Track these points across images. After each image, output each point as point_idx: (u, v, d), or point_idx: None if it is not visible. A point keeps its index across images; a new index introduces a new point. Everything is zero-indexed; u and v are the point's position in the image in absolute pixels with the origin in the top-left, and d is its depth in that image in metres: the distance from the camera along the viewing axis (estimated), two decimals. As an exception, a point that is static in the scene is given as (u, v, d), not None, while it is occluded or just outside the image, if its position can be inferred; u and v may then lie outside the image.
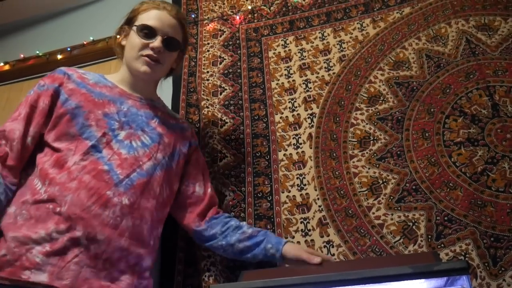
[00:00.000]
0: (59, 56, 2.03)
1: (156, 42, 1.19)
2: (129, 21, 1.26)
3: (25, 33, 2.24)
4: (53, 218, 0.98)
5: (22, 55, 2.08)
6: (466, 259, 1.14)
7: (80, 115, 1.12)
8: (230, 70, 1.71)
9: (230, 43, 1.79)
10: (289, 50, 1.69)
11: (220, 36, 1.82)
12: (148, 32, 1.19)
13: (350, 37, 1.64)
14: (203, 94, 1.66)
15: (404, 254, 1.18)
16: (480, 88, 1.39)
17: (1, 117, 2.05)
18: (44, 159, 1.08)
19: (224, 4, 1.91)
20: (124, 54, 1.25)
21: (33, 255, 0.94)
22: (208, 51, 1.79)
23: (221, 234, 1.19)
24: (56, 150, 1.08)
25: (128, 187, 1.07)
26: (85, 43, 2.02)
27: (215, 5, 1.92)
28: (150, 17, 1.21)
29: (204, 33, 1.86)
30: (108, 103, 1.18)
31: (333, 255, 1.25)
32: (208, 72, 1.73)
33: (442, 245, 1.18)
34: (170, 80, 1.74)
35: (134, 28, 1.21)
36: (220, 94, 1.66)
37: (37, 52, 2.07)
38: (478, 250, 1.15)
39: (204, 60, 1.77)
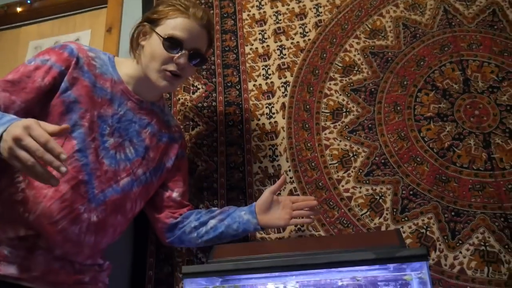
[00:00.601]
0: (19, 9, 1.89)
1: (182, 58, 1.09)
2: (153, 21, 1.13)
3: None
4: (21, 223, 0.97)
5: (-23, 6, 1.93)
6: (427, 232, 1.21)
7: (75, 111, 1.05)
8: (203, 32, 1.64)
9: (203, 1, 1.70)
10: (264, 12, 1.62)
11: (192, -7, 1.73)
12: (174, 44, 1.09)
13: (327, 1, 1.58)
14: (174, 58, 1.60)
15: (368, 233, 1.22)
16: (454, 62, 1.39)
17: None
18: None
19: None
20: (142, 57, 1.14)
21: (1, 248, 0.94)
22: (179, 9, 1.70)
23: (194, 220, 1.20)
24: None
25: (100, 203, 1.05)
26: (46, -6, 1.88)
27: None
28: (177, 27, 1.09)
29: (175, -12, 1.75)
30: (106, 103, 1.11)
31: (302, 226, 1.29)
32: (179, 33, 1.65)
33: (406, 219, 1.24)
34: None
35: (159, 35, 1.10)
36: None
37: (-6, 3, 1.92)
38: (439, 224, 1.21)
39: (175, 20, 1.68)
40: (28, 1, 1.88)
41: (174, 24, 1.10)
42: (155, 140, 1.20)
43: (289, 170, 1.37)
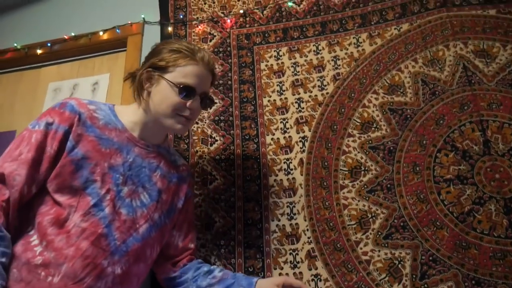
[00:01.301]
0: (39, 51, 1.92)
1: (195, 103, 1.15)
2: (160, 68, 1.14)
3: (0, 21, 2.10)
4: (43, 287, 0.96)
5: (-2, 48, 1.97)
6: (447, 301, 1.20)
7: (85, 167, 1.06)
8: (221, 82, 1.65)
9: (221, 49, 1.71)
10: (282, 63, 1.63)
11: (210, 41, 1.74)
12: (188, 91, 1.13)
13: (346, 54, 1.59)
14: (192, 108, 1.61)
15: None
16: (474, 122, 1.38)
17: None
18: (43, 211, 1.03)
19: (214, 3, 1.81)
20: (151, 103, 1.15)
21: None
22: (198, 57, 1.72)
23: (191, 279, 1.20)
24: (57, 203, 1.03)
25: (123, 254, 1.05)
26: (66, 37, 1.91)
27: (205, 4, 1.81)
28: (189, 75, 1.13)
29: (193, 35, 1.77)
30: (115, 153, 1.12)
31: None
32: (197, 81, 1.67)
33: (426, 286, 1.23)
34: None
35: (172, 83, 1.12)
36: (210, 108, 1.61)
37: (15, 44, 1.95)
38: (459, 293, 1.20)
39: (193, 68, 1.70)
40: (48, 44, 1.91)
41: (185, 72, 1.13)
42: (166, 182, 1.21)
43: (307, 230, 1.37)
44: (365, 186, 1.38)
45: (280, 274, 1.32)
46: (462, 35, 1.51)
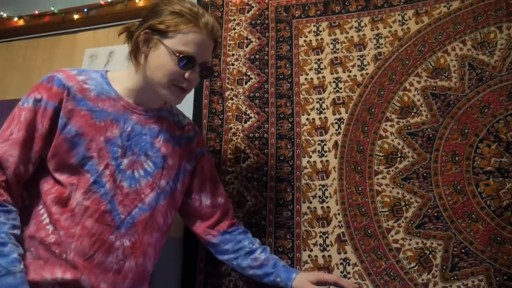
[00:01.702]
0: (76, 16, 1.92)
1: (194, 73, 1.07)
2: (160, 32, 1.06)
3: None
4: (60, 264, 0.99)
5: (36, 12, 1.97)
6: (477, 294, 1.20)
7: (80, 144, 1.04)
8: (257, 56, 1.62)
9: (258, 22, 1.66)
10: (321, 39, 1.58)
11: (248, 12, 1.69)
12: (188, 61, 1.05)
13: (389, 32, 1.51)
14: (227, 83, 1.60)
15: None
16: (521, 112, 1.32)
17: (18, 75, 2.02)
18: (46, 190, 1.04)
19: (253, -29, 1.74)
20: (147, 69, 1.08)
21: None
22: (234, 29, 1.68)
23: (233, 253, 1.21)
24: (58, 181, 1.04)
25: (129, 227, 1.06)
26: (102, 3, 1.89)
27: (243, -29, 1.75)
28: (189, 42, 1.05)
29: (230, 5, 1.72)
30: (111, 124, 1.09)
31: (349, 273, 1.31)
32: (233, 55, 1.64)
33: (455, 277, 1.23)
34: (193, 60, 1.67)
35: (171, 50, 1.04)
36: (246, 83, 1.59)
37: (52, 8, 1.95)
38: (489, 287, 1.19)
39: (229, 40, 1.67)
40: (85, 10, 1.90)
41: (186, 40, 1.05)
42: (170, 146, 1.17)
43: (338, 214, 1.37)
44: (400, 173, 1.36)
45: (309, 256, 1.35)
46: (518, 16, 1.41)
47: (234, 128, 1.54)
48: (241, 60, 1.62)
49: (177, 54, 1.04)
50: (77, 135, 1.04)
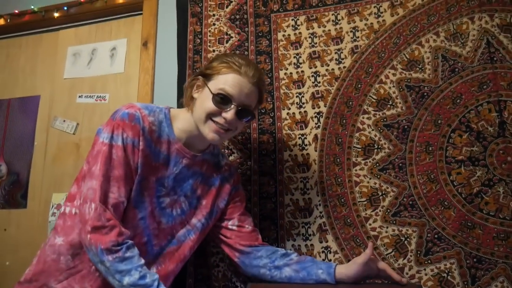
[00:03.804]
0: (56, 14, 1.92)
1: (230, 113, 1.13)
2: (206, 76, 1.18)
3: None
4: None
5: (16, 11, 1.96)
6: (449, 276, 1.28)
7: (138, 182, 1.13)
8: (237, 52, 1.64)
9: (238, 17, 1.68)
10: (300, 33, 1.61)
11: (227, 7, 1.71)
12: (223, 99, 1.13)
13: (365, 24, 1.55)
14: (209, 79, 1.63)
15: (392, 285, 1.26)
16: (491, 102, 1.37)
17: (2, 74, 2.03)
18: None
19: (230, -36, 1.74)
20: (194, 109, 1.18)
21: None
22: (214, 24, 1.70)
23: (267, 257, 1.24)
24: None
25: (158, 256, 1.17)
26: (82, 0, 1.89)
27: (221, -35, 1.75)
28: (228, 82, 1.14)
29: (210, 0, 1.73)
30: (163, 166, 1.18)
31: (330, 260, 1.38)
32: (214, 51, 1.67)
33: (429, 262, 1.31)
34: (174, 57, 1.70)
35: (210, 89, 1.15)
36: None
37: (32, 7, 1.95)
38: (460, 270, 1.28)
39: (210, 36, 1.69)
40: (65, 8, 1.90)
41: (225, 80, 1.14)
42: (206, 187, 1.27)
43: (319, 205, 1.44)
44: (377, 164, 1.42)
45: (292, 245, 1.42)
46: (489, 6, 1.44)
47: (217, 124, 1.58)
48: (222, 56, 1.65)
49: (215, 92, 1.13)
50: (139, 175, 1.13)
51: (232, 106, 1.14)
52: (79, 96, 1.86)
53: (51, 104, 1.90)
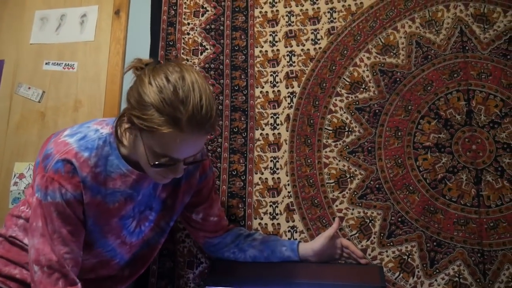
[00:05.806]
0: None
1: (179, 171, 0.97)
2: (140, 125, 0.89)
3: None
4: None
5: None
6: (409, 259, 1.32)
7: (96, 231, 1.05)
8: (213, 26, 1.61)
9: (214, -10, 1.64)
10: (277, 11, 1.58)
11: (204, -21, 1.66)
12: (164, 164, 0.94)
13: (343, 6, 1.53)
14: (182, 53, 1.59)
15: (353, 267, 1.29)
16: (461, 91, 1.40)
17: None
18: None
19: None
20: (134, 147, 0.99)
21: None
22: (190, -4, 1.65)
23: (231, 242, 1.28)
24: None
25: (129, 262, 1.21)
26: (51, -38, 1.79)
27: None
28: (171, 146, 0.90)
29: (186, -29, 1.68)
30: (124, 203, 1.06)
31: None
32: (189, 24, 1.62)
33: (391, 244, 1.34)
34: (147, 28, 1.65)
35: (146, 149, 0.93)
36: (201, 54, 1.59)
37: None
38: (420, 252, 1.31)
39: (185, 8, 1.64)
40: (33, -31, 1.80)
41: (167, 142, 0.89)
42: (170, 188, 1.17)
43: (288, 185, 1.44)
44: (347, 147, 1.43)
45: (259, 224, 1.42)
46: (465, -5, 1.46)
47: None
48: (196, 30, 1.61)
49: (152, 160, 0.92)
50: (93, 224, 1.04)
51: (180, 163, 0.96)
52: (46, 63, 1.78)
53: (16, 70, 1.81)
